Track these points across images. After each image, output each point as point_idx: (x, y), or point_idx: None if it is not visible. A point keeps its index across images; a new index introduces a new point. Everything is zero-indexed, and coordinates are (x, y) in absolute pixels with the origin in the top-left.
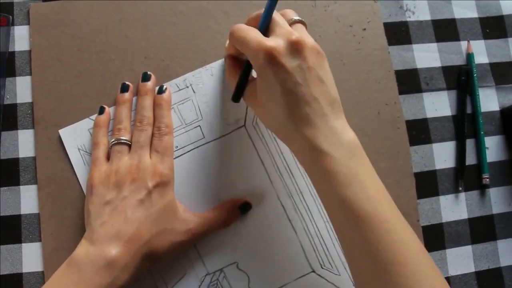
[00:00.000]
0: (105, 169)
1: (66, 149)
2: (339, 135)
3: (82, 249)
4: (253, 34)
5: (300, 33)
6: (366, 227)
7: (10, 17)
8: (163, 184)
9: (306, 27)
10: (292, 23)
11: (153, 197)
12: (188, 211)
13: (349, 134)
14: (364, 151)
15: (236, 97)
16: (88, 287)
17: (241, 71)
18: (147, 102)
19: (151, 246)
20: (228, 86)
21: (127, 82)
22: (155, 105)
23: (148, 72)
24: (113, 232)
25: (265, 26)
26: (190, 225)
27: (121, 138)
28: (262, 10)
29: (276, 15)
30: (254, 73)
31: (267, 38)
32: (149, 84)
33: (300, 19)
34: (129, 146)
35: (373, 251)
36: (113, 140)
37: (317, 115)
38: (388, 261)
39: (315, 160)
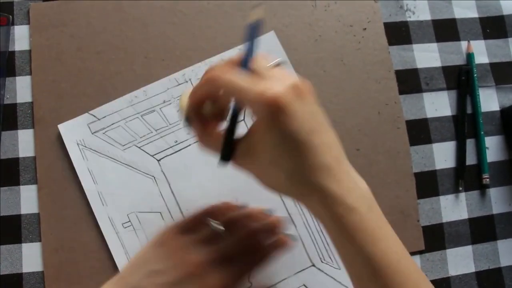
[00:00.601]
0: (187, 239)
1: (65, 143)
2: (359, 186)
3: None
4: (248, 80)
5: (293, 75)
6: (394, 285)
7: (10, 16)
8: None
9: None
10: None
11: None
12: None
13: (364, 184)
14: (365, 151)
15: (226, 157)
16: None
17: (227, 126)
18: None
19: None
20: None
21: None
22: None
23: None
24: None
25: (248, 70)
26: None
27: (222, 230)
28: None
29: (260, 56)
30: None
31: (267, 84)
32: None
33: (278, 61)
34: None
35: None
36: (214, 224)
37: (337, 163)
38: None
39: (340, 216)
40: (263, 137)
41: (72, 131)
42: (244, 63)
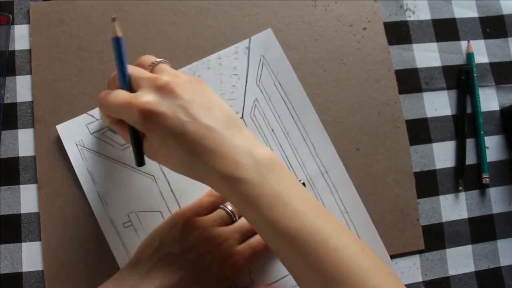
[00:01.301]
0: (201, 220)
1: (64, 144)
2: (249, 154)
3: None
4: (120, 96)
5: (165, 74)
6: (300, 244)
7: (10, 16)
8: (232, 277)
9: (169, 65)
10: (153, 67)
11: (209, 278)
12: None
13: (259, 151)
14: (364, 151)
15: (139, 161)
16: None
17: (130, 136)
18: None
19: None
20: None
21: None
22: None
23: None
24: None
25: (127, 83)
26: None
27: (233, 211)
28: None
29: (132, 68)
30: None
31: (135, 94)
32: None
33: (160, 60)
34: (232, 222)
35: (314, 266)
36: (227, 207)
37: (218, 143)
38: (332, 274)
39: (232, 190)
40: (151, 140)
41: (71, 131)
42: (121, 79)
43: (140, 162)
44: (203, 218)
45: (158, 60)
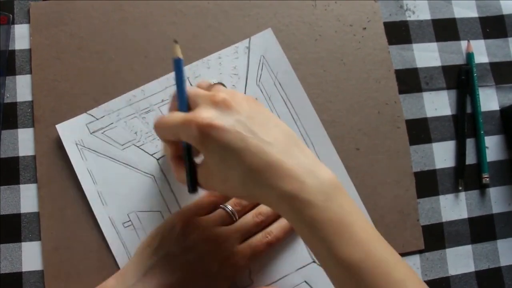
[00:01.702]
0: (201, 219)
1: (64, 144)
2: (313, 175)
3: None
4: (178, 115)
5: (222, 92)
6: (362, 275)
7: (11, 15)
8: (232, 277)
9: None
10: (210, 88)
11: (209, 278)
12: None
13: (323, 172)
14: (364, 151)
15: (193, 187)
16: None
17: (184, 159)
18: (271, 211)
19: None
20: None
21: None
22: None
23: None
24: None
25: (186, 104)
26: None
27: (234, 211)
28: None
29: (190, 88)
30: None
31: (193, 111)
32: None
33: (217, 82)
34: (232, 222)
35: None
36: (228, 207)
37: (280, 160)
38: None
39: (296, 211)
40: (209, 159)
41: (71, 131)
42: (180, 102)
43: (194, 189)
44: (203, 218)
45: (214, 81)
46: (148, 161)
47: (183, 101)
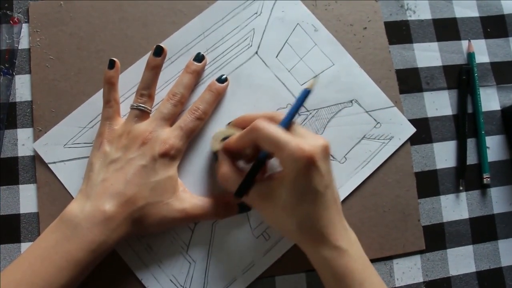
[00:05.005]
0: (118, 129)
1: (47, 163)
2: (349, 233)
3: (78, 205)
4: (288, 136)
5: (320, 136)
6: None
7: (22, 16)
8: (170, 156)
9: None
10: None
11: (157, 166)
12: (187, 191)
13: (352, 232)
14: None
15: (242, 193)
16: (82, 244)
17: (252, 167)
18: (189, 81)
19: (143, 214)
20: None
21: (162, 45)
22: (207, 89)
23: (201, 53)
24: (112, 191)
25: (287, 127)
26: (185, 205)
27: (142, 106)
28: (279, 111)
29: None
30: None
31: (303, 141)
32: (200, 65)
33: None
34: (148, 114)
35: None
36: (134, 104)
37: (337, 217)
38: None
39: (335, 259)
40: (287, 185)
41: (47, 150)
42: (285, 120)
43: (242, 194)
44: (119, 127)
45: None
46: None
47: (287, 124)
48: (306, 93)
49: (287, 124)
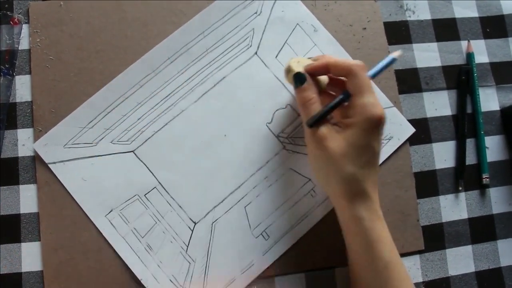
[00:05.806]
0: None
1: (47, 163)
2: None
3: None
4: (373, 91)
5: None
6: (395, 278)
7: (22, 17)
8: None
9: None
10: None
11: None
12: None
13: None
14: None
15: (315, 121)
16: None
17: (334, 102)
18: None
19: None
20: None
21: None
22: None
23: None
24: None
25: (374, 75)
26: None
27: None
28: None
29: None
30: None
31: (377, 100)
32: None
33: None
34: None
35: None
36: None
37: (376, 184)
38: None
39: (372, 220)
40: (354, 133)
41: (48, 151)
42: (371, 76)
43: (313, 124)
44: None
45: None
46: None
47: (376, 73)
48: (392, 61)
49: (375, 74)
